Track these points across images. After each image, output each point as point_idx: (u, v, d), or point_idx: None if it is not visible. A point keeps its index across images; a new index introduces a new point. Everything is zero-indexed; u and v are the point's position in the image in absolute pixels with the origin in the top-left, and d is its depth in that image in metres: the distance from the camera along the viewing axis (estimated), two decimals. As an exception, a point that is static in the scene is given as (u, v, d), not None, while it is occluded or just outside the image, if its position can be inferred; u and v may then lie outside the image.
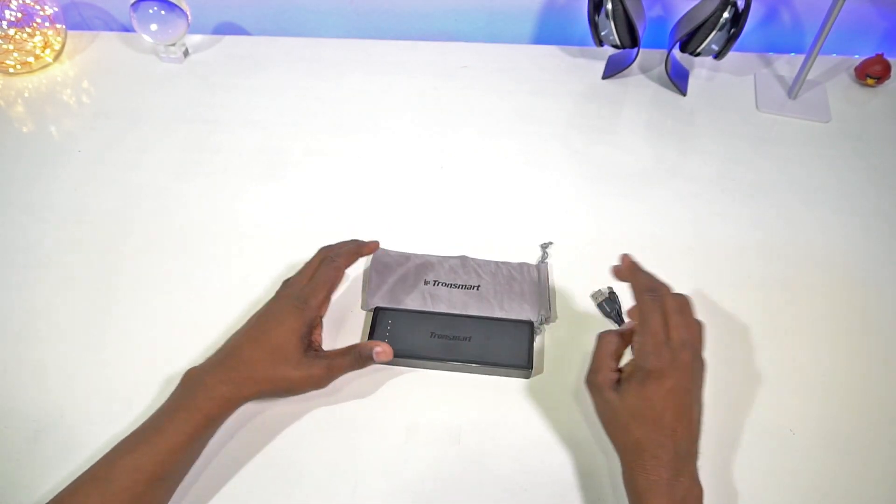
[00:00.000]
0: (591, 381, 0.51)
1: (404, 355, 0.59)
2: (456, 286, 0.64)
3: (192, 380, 0.51)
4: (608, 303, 0.64)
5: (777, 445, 0.56)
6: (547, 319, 0.63)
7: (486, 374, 0.59)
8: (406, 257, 0.67)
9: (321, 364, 0.53)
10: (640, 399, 0.47)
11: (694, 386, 0.48)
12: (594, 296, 0.65)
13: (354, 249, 0.60)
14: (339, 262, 0.58)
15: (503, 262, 0.67)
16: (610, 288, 0.65)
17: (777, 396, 0.59)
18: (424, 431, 0.56)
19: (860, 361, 0.61)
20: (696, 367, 0.49)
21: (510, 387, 0.59)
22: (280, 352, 0.52)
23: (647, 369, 0.48)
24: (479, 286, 0.64)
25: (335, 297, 0.64)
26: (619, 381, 0.49)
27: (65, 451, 0.54)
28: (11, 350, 0.61)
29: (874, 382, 0.60)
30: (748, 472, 0.54)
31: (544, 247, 0.69)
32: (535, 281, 0.65)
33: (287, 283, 0.57)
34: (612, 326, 0.62)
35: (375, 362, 0.56)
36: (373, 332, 0.60)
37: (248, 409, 0.56)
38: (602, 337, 0.53)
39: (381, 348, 0.55)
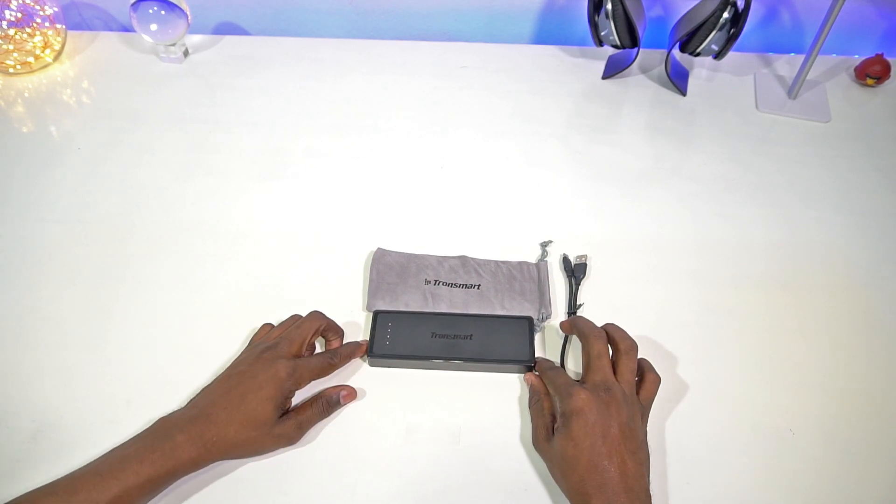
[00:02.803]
0: (534, 441, 0.54)
1: (406, 357, 0.59)
2: (457, 285, 0.64)
3: (164, 432, 0.50)
4: (566, 262, 0.68)
5: (777, 445, 0.56)
6: (547, 317, 0.63)
7: (488, 371, 0.59)
8: (406, 257, 0.67)
9: (291, 423, 0.53)
10: (567, 440, 0.49)
11: (619, 422, 0.49)
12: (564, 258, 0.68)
13: (350, 352, 0.59)
14: (336, 361, 0.57)
15: (503, 262, 0.67)
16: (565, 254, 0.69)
17: (777, 396, 0.59)
18: (424, 431, 0.56)
19: (860, 361, 0.61)
20: (618, 405, 0.50)
21: (510, 386, 0.59)
22: (254, 419, 0.51)
23: (567, 412, 0.50)
24: (479, 285, 0.65)
25: (336, 299, 0.64)
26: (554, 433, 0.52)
27: (64, 452, 0.54)
28: (11, 350, 0.61)
29: (874, 382, 0.60)
30: (748, 472, 0.54)
31: (544, 245, 0.69)
32: (535, 279, 0.65)
33: (273, 346, 0.55)
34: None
35: (342, 406, 0.57)
36: (373, 335, 0.60)
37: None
38: (528, 401, 0.57)
39: (347, 391, 0.57)
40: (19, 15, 0.86)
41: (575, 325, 0.58)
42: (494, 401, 0.58)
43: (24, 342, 0.61)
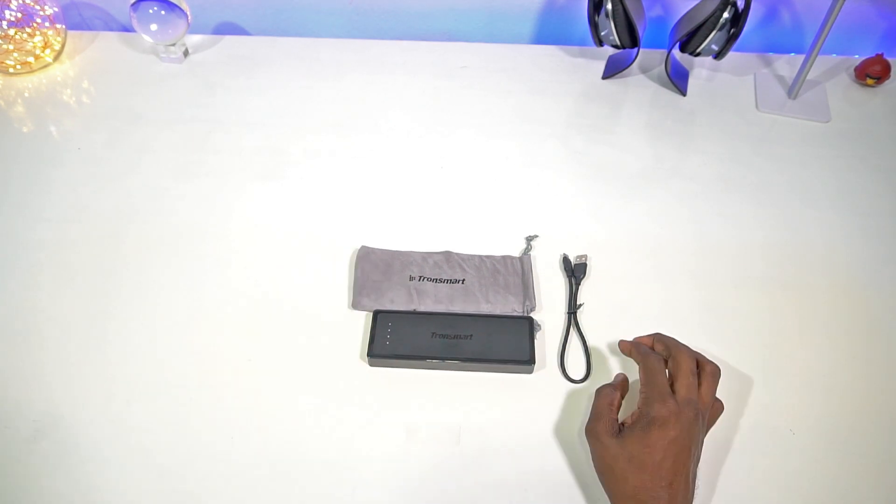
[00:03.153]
0: (592, 428, 0.51)
1: (407, 356, 0.59)
2: (441, 281, 0.65)
3: None
4: (566, 262, 0.68)
5: (777, 445, 0.56)
6: (531, 309, 0.63)
7: (489, 371, 0.59)
8: (391, 254, 0.67)
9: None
10: (641, 445, 0.48)
11: (694, 445, 0.49)
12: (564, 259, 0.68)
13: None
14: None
15: (487, 256, 0.67)
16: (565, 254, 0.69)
17: (777, 396, 0.59)
18: (424, 431, 0.56)
19: (860, 361, 0.61)
20: (698, 428, 0.49)
21: (510, 386, 0.59)
22: None
23: (652, 416, 0.48)
24: (463, 280, 0.65)
25: (337, 298, 0.64)
26: (620, 430, 0.50)
27: (64, 452, 0.54)
28: (11, 350, 0.61)
29: (874, 382, 0.60)
30: (748, 472, 0.54)
31: (529, 239, 0.69)
32: (519, 273, 0.66)
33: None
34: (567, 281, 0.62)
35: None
36: (373, 335, 0.60)
37: (246, 408, 0.57)
38: (601, 389, 0.54)
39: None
40: (19, 15, 0.86)
41: (661, 340, 0.56)
42: (494, 401, 0.58)
43: (24, 342, 0.61)
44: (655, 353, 0.55)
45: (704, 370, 0.53)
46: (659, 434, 0.47)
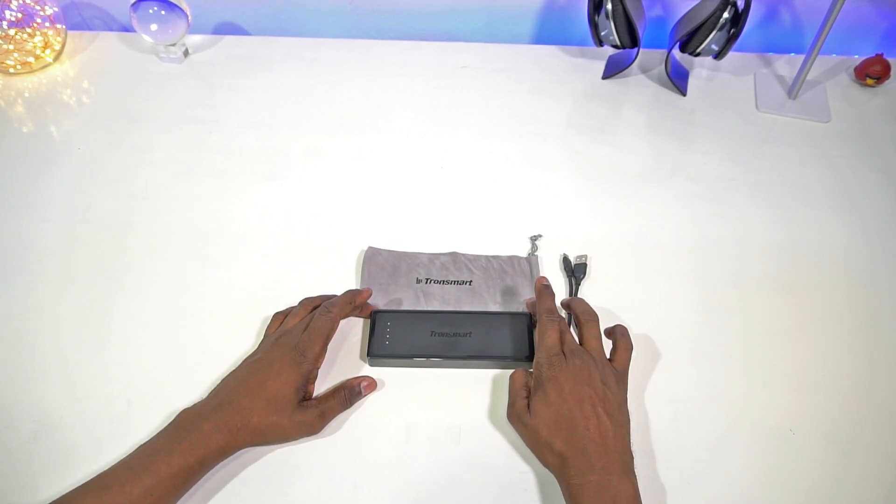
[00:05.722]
0: (510, 414, 0.54)
1: (406, 356, 0.59)
2: (448, 282, 0.65)
3: (189, 423, 0.50)
4: (566, 262, 0.68)
5: (777, 445, 0.56)
6: None
7: (489, 367, 0.59)
8: (398, 256, 0.67)
9: (313, 412, 0.54)
10: (546, 408, 0.50)
11: (595, 387, 0.51)
12: (564, 259, 0.68)
13: (348, 299, 0.59)
14: (334, 311, 0.57)
15: (493, 256, 0.67)
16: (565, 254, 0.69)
17: (777, 396, 0.59)
18: (424, 431, 0.56)
19: (860, 361, 0.61)
20: (591, 369, 0.52)
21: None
22: (275, 404, 0.52)
23: (544, 378, 0.51)
24: (471, 281, 0.65)
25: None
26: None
27: (64, 452, 0.54)
28: (11, 350, 0.60)
29: (874, 382, 0.60)
30: (748, 472, 0.54)
31: (534, 239, 0.69)
32: (527, 273, 0.66)
33: (288, 332, 0.56)
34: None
35: (363, 396, 0.57)
36: (372, 336, 0.60)
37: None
38: (511, 376, 0.57)
39: (367, 382, 0.58)
40: (19, 15, 0.86)
41: (539, 295, 0.59)
42: (494, 400, 0.58)
43: (24, 342, 0.61)
44: (550, 314, 0.56)
45: (579, 321, 0.57)
46: (555, 391, 0.51)
